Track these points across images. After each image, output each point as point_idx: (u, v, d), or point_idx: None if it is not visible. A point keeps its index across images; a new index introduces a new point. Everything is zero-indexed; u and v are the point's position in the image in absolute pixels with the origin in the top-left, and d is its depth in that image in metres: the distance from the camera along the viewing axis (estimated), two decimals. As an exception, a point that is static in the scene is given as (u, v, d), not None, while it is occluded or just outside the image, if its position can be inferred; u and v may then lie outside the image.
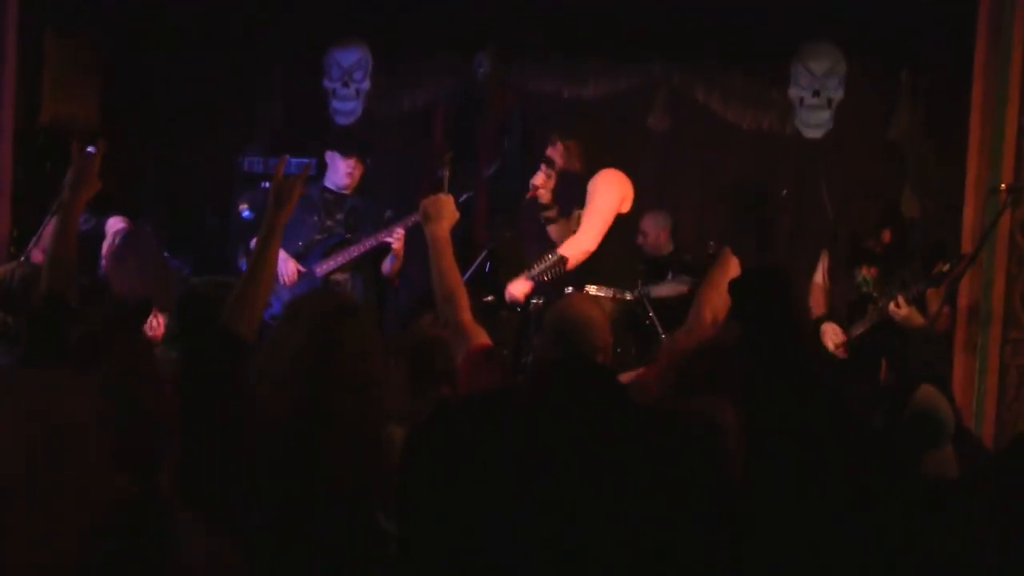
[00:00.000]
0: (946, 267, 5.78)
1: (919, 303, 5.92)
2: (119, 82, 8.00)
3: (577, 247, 6.00)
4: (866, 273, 6.24)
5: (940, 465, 3.55)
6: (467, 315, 3.66)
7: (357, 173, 6.60)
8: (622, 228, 6.22)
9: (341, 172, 6.58)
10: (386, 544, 2.75)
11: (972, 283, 5.92)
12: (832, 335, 6.21)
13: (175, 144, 8.23)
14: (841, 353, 6.17)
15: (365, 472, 2.81)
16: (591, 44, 8.17)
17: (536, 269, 5.95)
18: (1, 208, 6.83)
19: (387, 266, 6.51)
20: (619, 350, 6.56)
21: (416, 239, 6.32)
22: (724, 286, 3.69)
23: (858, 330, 6.17)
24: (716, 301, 3.67)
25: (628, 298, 6.59)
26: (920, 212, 7.49)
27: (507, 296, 6.16)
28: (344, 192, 6.64)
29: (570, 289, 6.01)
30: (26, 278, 4.43)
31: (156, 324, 4.96)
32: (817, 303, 6.40)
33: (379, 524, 2.79)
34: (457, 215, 4.01)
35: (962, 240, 6.06)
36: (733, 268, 3.76)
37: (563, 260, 5.93)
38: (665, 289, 6.89)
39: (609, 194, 6.11)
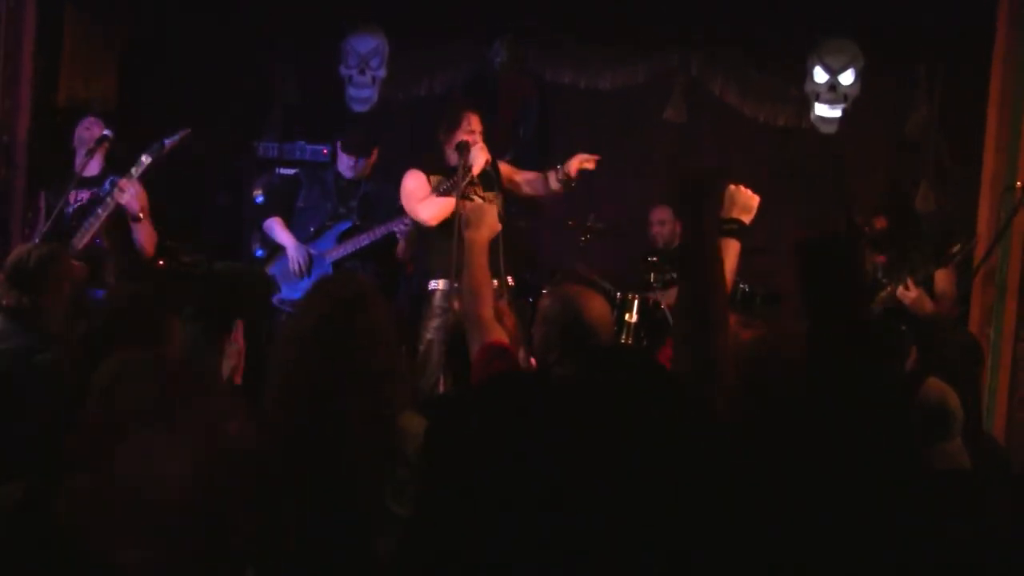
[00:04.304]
0: (956, 248, 5.71)
1: (927, 287, 5.79)
2: (137, 62, 8.01)
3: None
4: (876, 260, 6.15)
5: (951, 457, 3.54)
6: (488, 311, 3.69)
7: (360, 167, 6.59)
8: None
9: (344, 166, 6.62)
10: (394, 526, 2.77)
11: (985, 280, 5.92)
12: None
13: (190, 126, 8.25)
14: None
15: (374, 461, 2.83)
16: (609, 35, 8.17)
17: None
18: (18, 187, 6.85)
19: (401, 250, 6.51)
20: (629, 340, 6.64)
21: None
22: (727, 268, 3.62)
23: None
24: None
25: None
26: (936, 207, 7.47)
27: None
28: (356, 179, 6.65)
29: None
30: (42, 258, 4.42)
31: None
32: None
33: (389, 508, 2.81)
34: (499, 227, 4.06)
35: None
36: (732, 252, 3.69)
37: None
38: (674, 295, 6.89)
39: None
